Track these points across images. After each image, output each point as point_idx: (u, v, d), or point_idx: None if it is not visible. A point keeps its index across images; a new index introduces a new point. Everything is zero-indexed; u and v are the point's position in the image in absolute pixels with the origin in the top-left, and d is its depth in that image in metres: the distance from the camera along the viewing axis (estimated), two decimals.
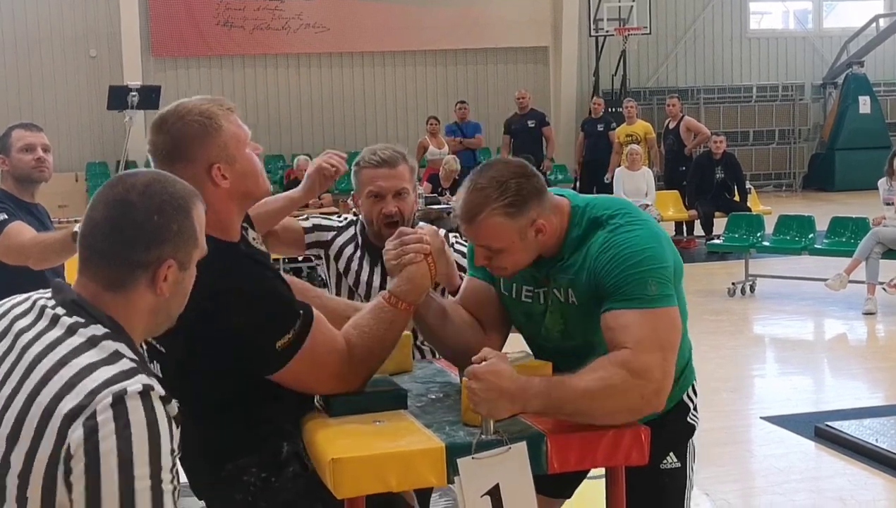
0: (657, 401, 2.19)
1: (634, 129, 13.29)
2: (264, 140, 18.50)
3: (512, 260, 2.36)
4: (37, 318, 1.67)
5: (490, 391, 2.08)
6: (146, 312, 1.72)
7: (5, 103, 17.15)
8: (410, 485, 2.09)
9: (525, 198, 2.28)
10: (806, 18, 21.25)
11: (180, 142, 2.16)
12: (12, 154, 3.83)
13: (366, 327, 2.26)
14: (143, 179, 1.72)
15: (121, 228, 1.67)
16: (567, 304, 2.39)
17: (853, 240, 8.93)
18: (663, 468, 2.51)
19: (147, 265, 1.68)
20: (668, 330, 2.24)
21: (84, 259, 1.71)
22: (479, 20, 18.57)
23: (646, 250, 2.26)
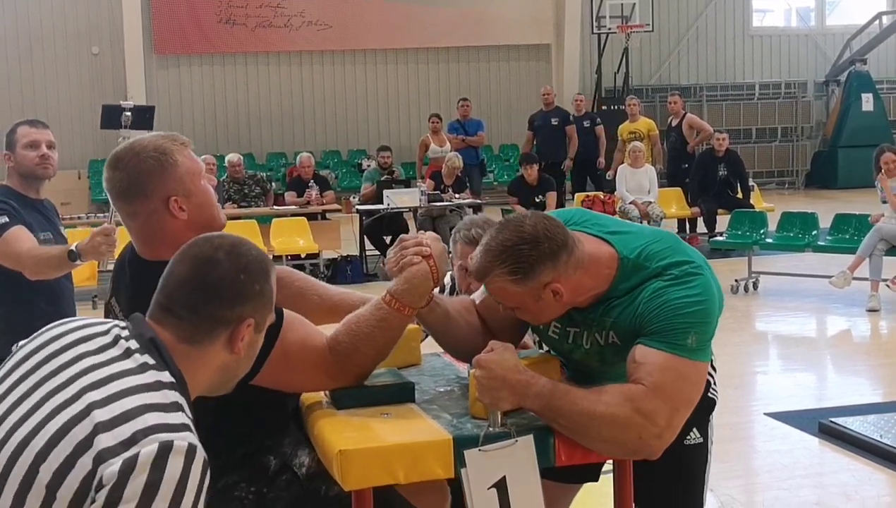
0: (655, 447, 2.14)
1: (637, 127, 13.27)
2: (266, 137, 18.55)
3: (532, 316, 2.33)
4: (108, 346, 1.69)
5: (493, 380, 2.09)
6: (216, 369, 1.78)
7: (8, 100, 17.16)
8: (418, 477, 2.09)
9: (531, 265, 2.18)
10: (808, 16, 21.23)
11: (136, 178, 2.21)
12: (17, 150, 3.82)
13: (355, 324, 2.24)
14: (229, 240, 1.81)
15: (208, 284, 1.74)
16: (607, 345, 2.33)
17: (856, 237, 8.92)
18: (687, 443, 2.52)
19: (229, 322, 1.75)
20: (691, 385, 2.19)
21: (164, 309, 1.75)
22: (481, 18, 18.57)
23: (698, 304, 2.19)
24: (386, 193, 10.97)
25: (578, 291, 2.26)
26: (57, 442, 1.55)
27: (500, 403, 2.11)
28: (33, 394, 1.64)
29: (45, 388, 1.64)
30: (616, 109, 15.81)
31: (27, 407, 1.63)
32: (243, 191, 11.27)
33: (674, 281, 2.21)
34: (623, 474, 2.30)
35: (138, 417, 1.56)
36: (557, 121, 13.74)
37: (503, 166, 18.69)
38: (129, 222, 2.26)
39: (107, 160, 2.27)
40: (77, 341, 1.72)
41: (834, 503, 4.47)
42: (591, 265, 2.26)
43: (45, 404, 1.61)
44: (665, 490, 2.45)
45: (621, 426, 2.10)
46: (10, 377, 1.72)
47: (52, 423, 1.58)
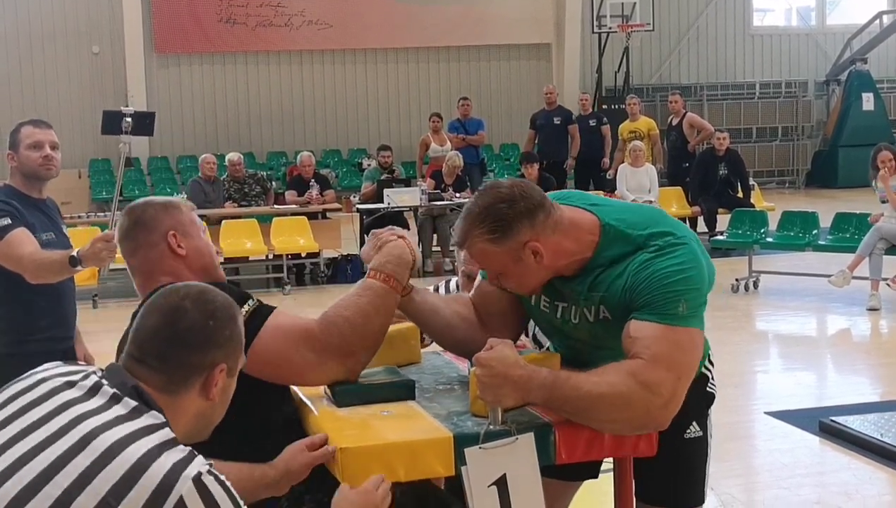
0: (662, 418, 2.17)
1: (637, 126, 13.27)
2: (266, 136, 18.55)
3: (515, 282, 2.35)
4: (90, 393, 1.71)
5: (495, 377, 2.09)
6: (192, 417, 1.80)
7: (8, 100, 17.16)
8: (418, 475, 2.09)
9: (509, 223, 2.23)
10: (809, 15, 21.24)
11: (141, 217, 2.35)
12: (20, 150, 3.81)
13: (341, 298, 2.34)
14: (194, 289, 1.85)
15: (178, 333, 1.77)
16: (598, 322, 2.35)
17: (857, 237, 8.91)
18: (687, 437, 2.53)
19: (202, 369, 1.78)
20: (688, 351, 2.22)
21: (136, 361, 1.78)
22: (481, 17, 18.57)
23: (684, 271, 2.23)
24: (386, 192, 10.97)
25: (559, 254, 2.29)
26: (79, 491, 1.56)
27: (504, 400, 2.11)
28: (19, 443, 1.64)
29: (36, 437, 1.64)
30: (616, 109, 15.80)
31: (21, 450, 1.63)
32: (244, 190, 11.27)
33: (658, 252, 2.25)
34: (623, 471, 2.30)
35: (154, 463, 1.60)
36: (560, 120, 13.73)
37: (504, 165, 18.68)
38: (131, 260, 2.34)
39: (122, 212, 2.44)
40: (59, 387, 1.73)
41: (834, 502, 4.46)
42: (571, 228, 2.31)
43: (41, 453, 1.61)
44: (666, 484, 2.46)
45: (627, 402, 2.12)
46: None
47: (57, 470, 1.58)
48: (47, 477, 1.58)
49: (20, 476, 1.59)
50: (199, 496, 1.59)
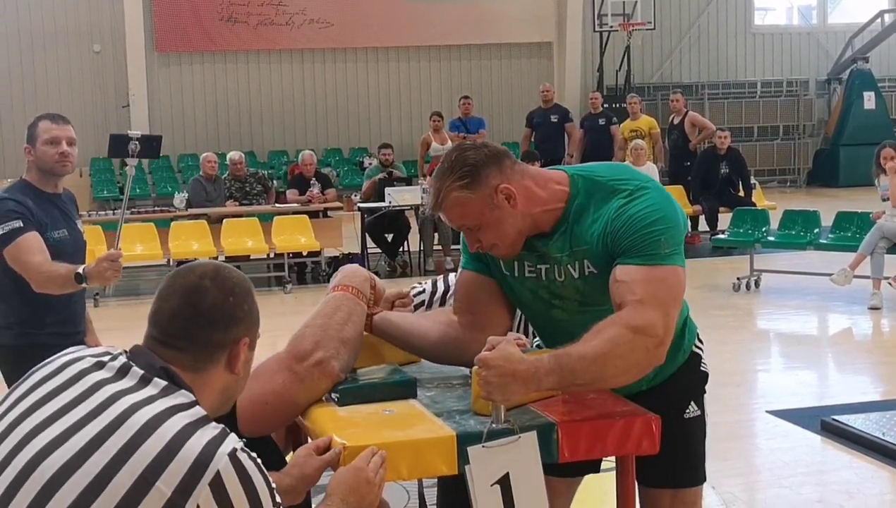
0: (660, 354, 2.24)
1: (638, 125, 13.27)
2: (268, 135, 18.53)
3: (494, 233, 2.37)
4: (120, 374, 1.73)
5: (503, 376, 2.08)
6: (218, 391, 1.83)
7: (9, 98, 17.18)
8: (421, 474, 2.09)
9: (476, 166, 2.31)
10: (810, 14, 21.22)
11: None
12: (37, 145, 3.82)
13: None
14: (210, 267, 1.86)
15: (200, 312, 1.79)
16: (582, 277, 2.40)
17: (858, 235, 8.91)
18: (687, 417, 2.58)
19: (226, 345, 1.81)
20: (674, 287, 2.29)
21: (161, 344, 1.79)
22: (483, 16, 18.56)
23: (660, 211, 2.31)
24: (388, 191, 10.98)
25: (532, 200, 2.36)
26: (116, 469, 1.58)
27: (513, 397, 2.11)
28: (53, 425, 1.66)
29: (70, 417, 1.66)
30: (617, 107, 15.79)
31: (58, 430, 1.64)
32: (245, 188, 11.27)
33: (630, 197, 2.33)
34: (626, 469, 2.30)
35: (189, 440, 1.62)
36: (557, 119, 13.72)
37: None
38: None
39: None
40: (88, 369, 1.74)
41: (836, 501, 4.46)
42: (539, 177, 2.40)
43: (77, 433, 1.63)
44: (669, 466, 2.48)
45: (629, 351, 2.17)
46: (23, 402, 1.73)
47: (93, 449, 1.60)
48: (84, 457, 1.60)
49: (57, 455, 1.60)
50: (235, 471, 1.62)
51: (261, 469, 1.68)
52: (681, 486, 2.58)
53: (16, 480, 1.61)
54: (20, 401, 1.74)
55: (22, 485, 1.60)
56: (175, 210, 11.04)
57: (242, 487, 1.62)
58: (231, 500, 1.61)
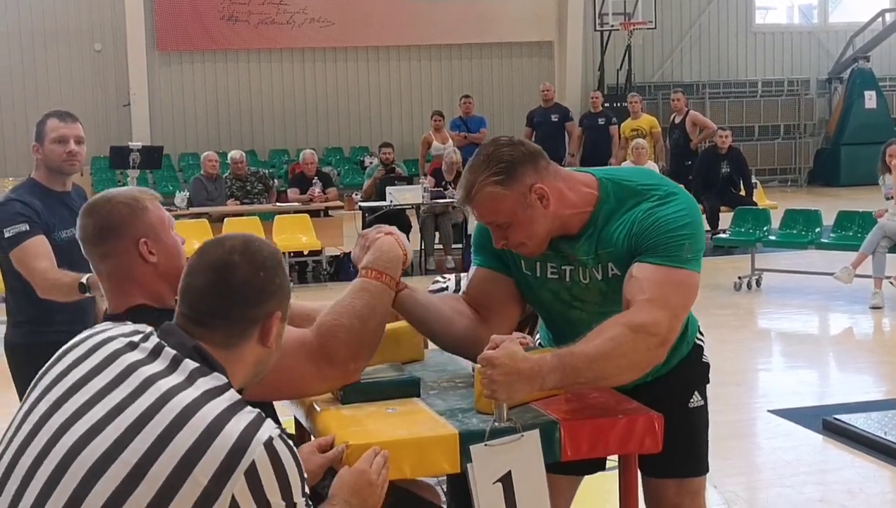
0: (661, 354, 2.25)
1: (639, 124, 13.27)
2: (268, 134, 18.54)
3: (524, 232, 2.36)
4: (153, 356, 1.71)
5: (508, 374, 2.08)
6: (251, 366, 1.81)
7: (10, 97, 17.18)
8: (424, 472, 2.09)
9: (513, 164, 2.31)
10: (811, 13, 21.22)
11: (108, 221, 2.24)
12: (45, 144, 3.79)
13: (335, 303, 2.28)
14: (239, 240, 1.83)
15: (232, 288, 1.76)
16: (605, 279, 2.41)
17: (860, 235, 8.91)
18: (691, 406, 2.60)
19: (258, 320, 1.78)
20: (687, 292, 2.32)
21: (193, 322, 1.77)
22: (483, 15, 18.56)
23: (687, 217, 2.33)
24: (389, 190, 10.98)
25: (563, 202, 2.36)
26: (154, 458, 1.57)
27: (517, 395, 2.11)
28: (91, 411, 1.65)
29: (107, 404, 1.65)
30: (618, 107, 15.79)
31: (94, 418, 1.63)
32: (246, 187, 11.27)
33: (660, 201, 2.35)
34: (628, 468, 2.30)
35: (226, 426, 1.61)
36: (558, 118, 13.71)
37: None
38: (100, 266, 2.26)
39: (81, 210, 2.32)
40: (121, 350, 1.73)
41: (838, 500, 4.46)
42: (570, 179, 2.40)
43: (114, 420, 1.62)
44: (673, 454, 2.48)
45: (631, 349, 2.18)
46: (58, 387, 1.72)
47: (132, 436, 1.59)
48: (122, 446, 1.59)
49: (95, 445, 1.60)
50: (270, 460, 1.61)
51: (295, 456, 1.67)
52: (685, 476, 2.60)
53: (56, 471, 1.60)
54: (55, 386, 1.72)
55: (62, 476, 1.59)
56: (176, 209, 11.04)
57: (275, 476, 1.61)
58: (264, 489, 1.61)
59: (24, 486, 1.61)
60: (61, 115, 3.84)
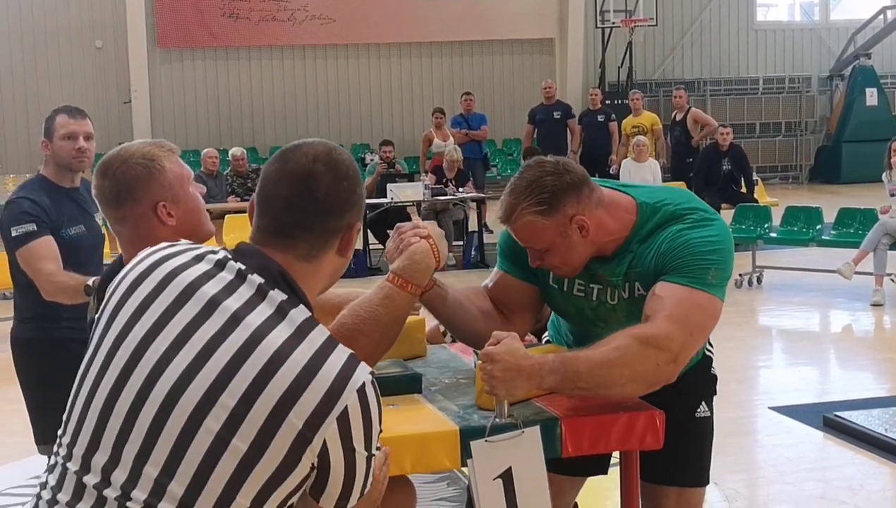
0: (670, 371, 2.20)
1: (641, 121, 13.27)
2: (269, 131, 18.54)
3: (560, 259, 2.35)
4: (236, 284, 1.64)
5: (508, 370, 2.07)
6: (328, 276, 1.78)
7: (11, 94, 17.18)
8: (425, 468, 2.09)
9: (556, 195, 2.26)
10: (812, 10, 21.20)
11: (125, 184, 2.22)
12: (55, 140, 3.78)
13: (358, 306, 2.19)
14: (321, 149, 1.76)
15: (317, 199, 1.70)
16: (633, 299, 2.38)
17: (861, 232, 8.90)
18: (698, 416, 2.59)
19: (340, 230, 1.74)
20: (707, 317, 2.27)
21: (276, 232, 1.70)
22: (485, 12, 18.55)
23: (717, 244, 2.30)
24: (390, 187, 10.99)
25: (602, 230, 2.33)
26: (253, 400, 1.54)
27: (516, 392, 2.11)
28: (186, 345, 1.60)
29: (199, 341, 1.60)
30: (619, 104, 15.78)
31: (189, 357, 1.58)
32: (246, 184, 11.28)
33: (693, 224, 2.32)
34: (629, 465, 2.30)
35: (320, 370, 1.57)
36: (560, 115, 13.70)
37: (507, 160, 18.68)
38: (119, 228, 2.26)
39: (95, 168, 2.28)
40: (197, 281, 1.65)
41: (838, 497, 4.46)
42: (611, 206, 2.36)
43: (213, 355, 1.58)
44: (677, 464, 2.49)
45: (638, 360, 2.15)
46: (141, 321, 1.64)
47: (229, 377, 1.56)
48: (221, 387, 1.55)
49: (194, 388, 1.56)
50: (360, 407, 1.59)
51: (380, 405, 1.64)
52: (688, 485, 2.59)
53: (158, 415, 1.56)
54: (137, 321, 1.64)
55: (165, 421, 1.55)
56: None
57: (363, 422, 1.59)
58: (352, 435, 1.58)
59: (129, 427, 1.57)
60: (71, 112, 3.83)
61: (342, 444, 1.57)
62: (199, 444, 1.54)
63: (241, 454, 1.53)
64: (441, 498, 4.35)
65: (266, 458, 1.54)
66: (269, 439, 1.54)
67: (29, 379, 3.77)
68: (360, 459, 1.60)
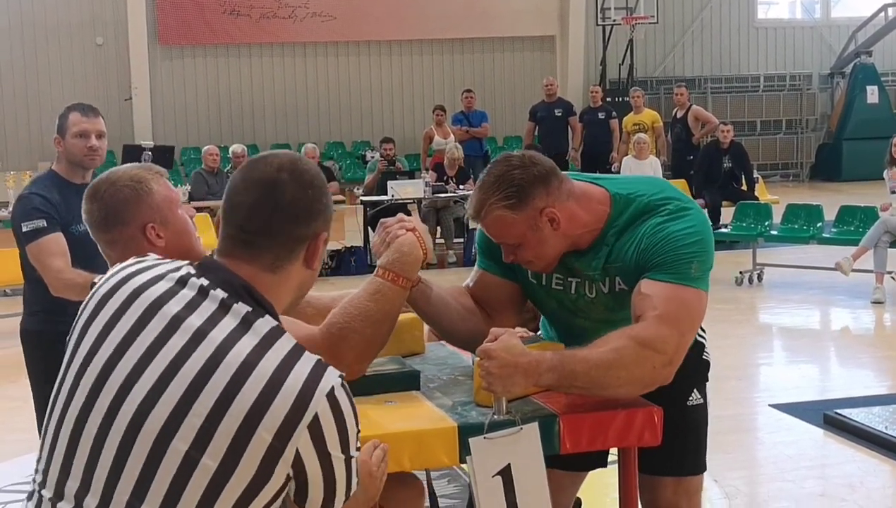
0: (666, 374, 2.21)
1: (641, 118, 13.26)
2: (270, 128, 18.54)
3: (533, 253, 2.34)
4: (199, 299, 1.64)
5: (505, 367, 2.08)
6: (295, 288, 1.77)
7: (12, 90, 17.17)
8: (423, 465, 2.09)
9: (523, 187, 2.26)
10: (813, 7, 21.18)
11: (113, 207, 2.22)
12: (67, 137, 3.83)
13: (349, 303, 2.21)
14: (285, 158, 1.77)
15: (281, 206, 1.70)
16: (612, 293, 2.38)
17: (861, 229, 8.90)
18: (690, 404, 2.58)
19: (305, 240, 1.73)
20: (695, 311, 2.28)
21: (241, 242, 1.70)
22: (486, 9, 18.54)
23: (697, 235, 2.30)
24: (390, 184, 10.99)
25: (575, 222, 2.32)
26: (221, 415, 1.54)
27: (514, 389, 2.11)
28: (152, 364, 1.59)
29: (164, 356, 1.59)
30: (620, 101, 15.78)
31: (153, 376, 1.57)
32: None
33: (670, 216, 2.31)
34: (628, 461, 2.30)
35: (287, 379, 1.56)
36: (561, 113, 13.69)
37: None
38: (109, 251, 2.25)
39: (84, 193, 2.28)
40: (160, 299, 1.65)
41: (838, 494, 4.45)
42: (583, 198, 2.35)
43: (178, 372, 1.57)
44: (672, 453, 2.48)
45: (635, 363, 2.15)
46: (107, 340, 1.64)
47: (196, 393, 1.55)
48: (188, 404, 1.55)
49: (161, 407, 1.55)
50: (332, 411, 1.58)
51: (353, 405, 1.63)
52: (684, 474, 2.59)
53: (126, 435, 1.56)
54: (104, 340, 1.64)
55: (134, 442, 1.55)
56: None
57: (336, 427, 1.59)
58: (326, 442, 1.58)
59: (97, 451, 1.57)
60: (84, 109, 3.88)
61: (316, 451, 1.57)
62: (169, 465, 1.53)
63: (212, 471, 1.53)
64: (441, 496, 4.35)
65: (237, 474, 1.53)
66: (239, 455, 1.53)
67: (36, 372, 3.79)
68: (337, 463, 1.60)
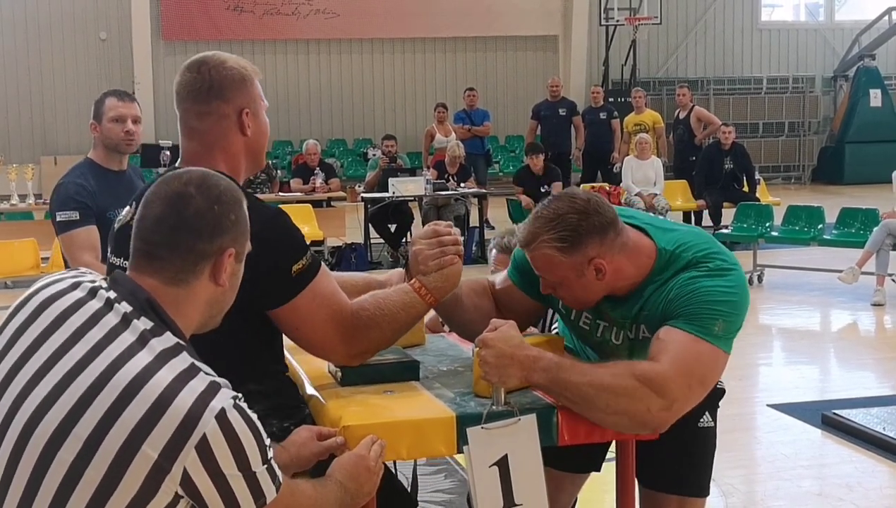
0: (662, 420, 2.15)
1: (643, 119, 13.26)
2: (273, 125, 18.30)
3: (571, 295, 2.31)
4: (103, 312, 1.66)
5: (501, 357, 2.08)
6: (203, 305, 1.77)
7: (16, 85, 17.18)
8: (421, 454, 2.09)
9: (580, 235, 2.20)
10: (817, 10, 21.18)
11: (219, 82, 2.22)
12: (104, 122, 3.87)
13: (382, 300, 2.24)
14: (196, 174, 1.78)
15: (184, 219, 1.71)
16: (637, 340, 2.35)
17: (862, 231, 8.90)
18: (700, 426, 2.55)
19: (210, 255, 1.74)
20: (710, 368, 2.22)
21: (144, 254, 1.73)
22: (489, 8, 18.54)
23: (730, 295, 2.24)
24: (391, 181, 10.99)
25: (619, 275, 2.27)
26: (105, 432, 1.55)
27: (509, 380, 2.10)
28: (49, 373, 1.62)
29: (58, 371, 1.62)
30: (622, 101, 15.77)
31: (49, 385, 1.60)
32: (248, 177, 11.27)
33: (708, 272, 2.25)
34: (625, 456, 2.30)
35: (176, 399, 1.57)
36: (565, 112, 13.69)
37: (509, 157, 18.67)
38: (194, 123, 2.22)
39: (184, 65, 2.27)
40: (67, 311, 1.68)
41: (836, 494, 4.46)
42: (633, 252, 2.28)
43: (71, 384, 1.60)
44: (679, 472, 2.48)
45: (630, 397, 2.10)
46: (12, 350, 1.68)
47: (84, 408, 1.57)
48: (76, 417, 1.57)
49: (50, 417, 1.57)
50: (223, 432, 1.58)
51: (252, 424, 1.63)
52: (689, 495, 2.56)
53: (17, 443, 1.59)
54: (10, 350, 1.67)
55: (24, 449, 1.58)
56: None
57: (230, 447, 1.59)
58: (218, 462, 1.58)
59: None
60: (120, 95, 3.94)
61: (207, 471, 1.57)
62: (54, 475, 1.55)
63: (96, 484, 1.54)
64: (438, 490, 4.36)
65: (121, 488, 1.54)
66: (123, 469, 1.54)
67: None
68: (236, 482, 1.60)
